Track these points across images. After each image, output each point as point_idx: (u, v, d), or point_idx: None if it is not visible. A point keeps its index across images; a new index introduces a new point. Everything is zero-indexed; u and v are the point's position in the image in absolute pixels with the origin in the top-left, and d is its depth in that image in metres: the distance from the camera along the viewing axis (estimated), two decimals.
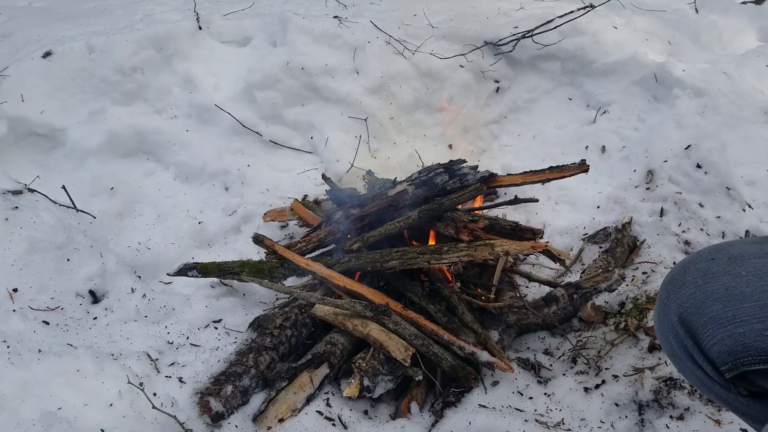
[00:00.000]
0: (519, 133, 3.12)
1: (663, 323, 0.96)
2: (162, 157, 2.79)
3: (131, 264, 2.15)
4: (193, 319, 1.93)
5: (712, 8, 3.83)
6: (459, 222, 1.84)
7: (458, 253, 1.75)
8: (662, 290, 0.97)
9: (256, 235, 1.97)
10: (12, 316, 1.67)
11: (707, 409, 1.50)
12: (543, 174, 1.95)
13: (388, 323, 1.65)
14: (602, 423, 1.54)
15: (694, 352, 0.89)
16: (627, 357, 1.72)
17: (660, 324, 0.97)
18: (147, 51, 3.01)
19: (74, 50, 3.02)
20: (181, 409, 1.52)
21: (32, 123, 2.76)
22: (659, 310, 0.97)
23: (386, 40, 3.18)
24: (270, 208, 2.54)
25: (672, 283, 0.95)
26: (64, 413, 1.40)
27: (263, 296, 2.08)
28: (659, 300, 0.98)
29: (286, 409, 1.53)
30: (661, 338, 0.99)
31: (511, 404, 1.61)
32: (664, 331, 0.96)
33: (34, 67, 2.95)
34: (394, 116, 3.06)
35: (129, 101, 2.93)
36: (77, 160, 2.69)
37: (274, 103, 2.97)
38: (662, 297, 0.97)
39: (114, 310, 1.92)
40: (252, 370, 1.63)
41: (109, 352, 1.68)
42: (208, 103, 2.94)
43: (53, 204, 2.15)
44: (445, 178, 1.91)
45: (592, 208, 2.59)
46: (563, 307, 1.95)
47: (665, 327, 0.95)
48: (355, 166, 2.81)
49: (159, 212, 2.50)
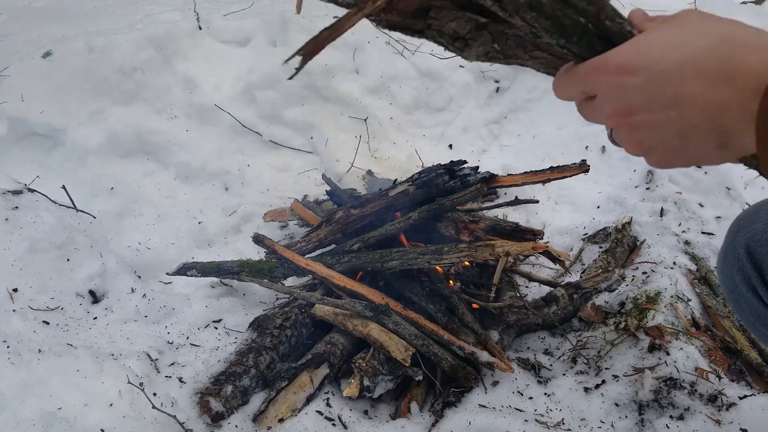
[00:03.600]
0: (519, 133, 3.12)
1: (728, 255, 1.01)
2: (162, 157, 2.79)
3: (131, 264, 2.15)
4: (193, 319, 1.93)
5: (711, 8, 3.82)
6: (459, 222, 1.84)
7: (459, 253, 1.75)
8: (733, 225, 1.02)
9: (256, 234, 1.97)
10: (12, 316, 1.67)
11: (707, 409, 1.50)
12: (543, 174, 1.95)
13: (388, 323, 1.65)
14: (602, 423, 1.54)
15: (758, 283, 0.95)
16: (627, 357, 1.72)
17: (725, 256, 1.03)
18: (147, 51, 3.01)
19: (74, 50, 3.02)
20: (181, 409, 1.52)
21: (32, 123, 2.76)
22: (727, 243, 1.03)
23: (386, 41, 3.18)
24: (270, 208, 2.54)
25: (744, 218, 1.01)
26: (64, 413, 1.40)
27: (263, 296, 2.08)
28: (728, 233, 1.03)
29: (286, 409, 1.53)
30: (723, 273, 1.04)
31: (511, 404, 1.61)
32: (728, 264, 1.01)
33: (34, 67, 2.95)
34: (394, 116, 3.06)
35: (129, 101, 2.93)
36: (77, 160, 2.69)
37: (274, 103, 2.97)
38: (732, 230, 1.02)
39: (114, 310, 1.92)
40: (252, 370, 1.63)
41: (109, 352, 1.68)
42: (208, 103, 2.94)
43: (53, 204, 2.15)
44: (445, 179, 1.91)
45: (592, 208, 2.59)
46: (563, 307, 1.95)
47: (730, 259, 1.00)
48: (355, 166, 2.81)
49: (159, 212, 2.50)
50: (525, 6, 0.56)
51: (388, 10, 0.61)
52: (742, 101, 0.51)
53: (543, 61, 0.64)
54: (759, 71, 0.50)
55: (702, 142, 0.55)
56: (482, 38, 0.62)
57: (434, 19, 0.61)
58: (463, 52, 0.64)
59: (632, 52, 0.56)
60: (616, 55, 0.57)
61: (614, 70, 0.56)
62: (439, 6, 0.61)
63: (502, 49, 0.63)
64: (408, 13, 0.61)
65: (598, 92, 0.59)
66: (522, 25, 0.58)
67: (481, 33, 0.62)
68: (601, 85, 0.58)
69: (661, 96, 0.54)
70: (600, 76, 0.57)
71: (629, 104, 0.56)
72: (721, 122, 0.52)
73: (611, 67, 0.56)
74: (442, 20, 0.61)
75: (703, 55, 0.52)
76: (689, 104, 0.53)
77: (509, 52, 0.63)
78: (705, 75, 0.52)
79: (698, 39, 0.53)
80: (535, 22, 0.57)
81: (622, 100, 0.56)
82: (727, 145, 0.54)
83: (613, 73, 0.56)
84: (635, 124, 0.57)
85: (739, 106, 0.51)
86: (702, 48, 0.53)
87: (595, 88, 0.59)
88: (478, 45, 0.62)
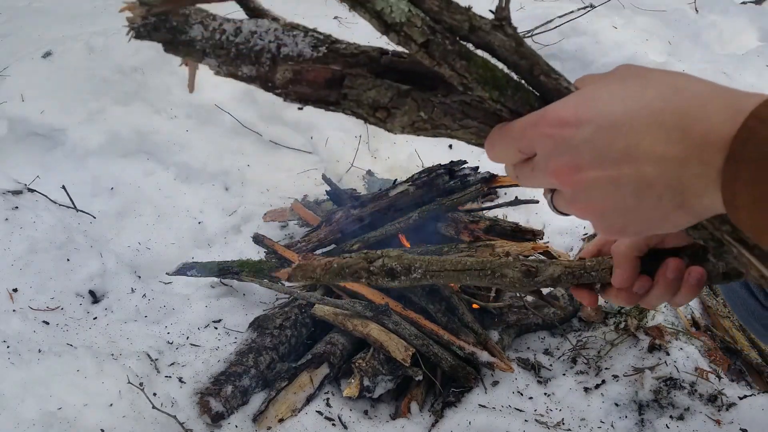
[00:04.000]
0: None
1: None
2: (162, 157, 2.78)
3: (131, 264, 2.15)
4: (193, 319, 1.93)
5: (712, 8, 3.83)
6: (460, 222, 1.84)
7: (459, 253, 1.75)
8: None
9: (256, 234, 1.97)
10: (12, 316, 1.67)
11: (707, 409, 1.50)
12: None
13: (388, 323, 1.65)
14: (602, 423, 1.54)
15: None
16: (627, 357, 1.72)
17: None
18: (147, 51, 3.01)
19: (74, 50, 3.02)
20: (181, 409, 1.52)
21: (32, 123, 2.76)
22: None
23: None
24: (270, 208, 2.54)
25: None
26: (64, 413, 1.40)
27: (263, 296, 2.08)
28: None
29: (286, 409, 1.53)
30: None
31: (511, 404, 1.61)
32: None
33: (34, 67, 2.95)
34: None
35: (129, 101, 2.93)
36: (77, 160, 2.69)
37: (274, 103, 2.97)
38: None
39: (114, 310, 1.92)
40: (252, 370, 1.63)
41: (109, 352, 1.68)
42: (208, 103, 2.94)
43: (53, 204, 2.15)
44: (445, 179, 1.91)
45: None
46: (563, 307, 1.95)
47: None
48: (355, 166, 2.81)
49: (159, 212, 2.49)
50: (454, 54, 0.52)
51: (297, 82, 0.56)
52: (702, 155, 0.46)
53: (473, 131, 0.59)
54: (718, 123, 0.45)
55: (658, 202, 0.49)
56: (406, 106, 0.57)
57: (350, 88, 0.56)
58: (386, 124, 0.58)
59: (574, 104, 0.51)
60: (556, 107, 0.51)
61: (556, 123, 0.50)
62: (354, 74, 0.56)
63: (429, 118, 0.57)
64: (320, 84, 0.56)
65: (537, 149, 0.53)
66: (451, 74, 0.53)
67: (405, 101, 0.56)
68: (543, 140, 0.51)
69: (611, 150, 0.48)
70: (541, 130, 0.51)
71: (576, 160, 0.50)
72: (680, 178, 0.47)
73: (553, 120, 0.51)
74: (358, 89, 0.56)
75: (654, 104, 0.48)
76: (643, 158, 0.47)
77: (437, 121, 0.58)
78: (658, 125, 0.47)
79: (646, 90, 0.49)
80: (465, 71, 0.52)
81: (568, 155, 0.50)
82: (685, 205, 0.49)
83: (554, 126, 0.50)
84: (583, 183, 0.50)
85: (699, 160, 0.46)
86: (652, 98, 0.48)
87: (533, 144, 0.53)
88: (402, 114, 0.57)
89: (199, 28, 0.55)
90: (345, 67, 0.56)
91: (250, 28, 0.55)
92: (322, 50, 0.55)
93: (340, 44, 0.56)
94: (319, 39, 0.56)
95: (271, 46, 0.55)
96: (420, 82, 0.57)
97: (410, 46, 0.52)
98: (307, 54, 0.55)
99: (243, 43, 0.55)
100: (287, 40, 0.55)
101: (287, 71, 0.55)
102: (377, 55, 0.57)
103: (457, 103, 0.57)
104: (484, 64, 0.53)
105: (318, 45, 0.56)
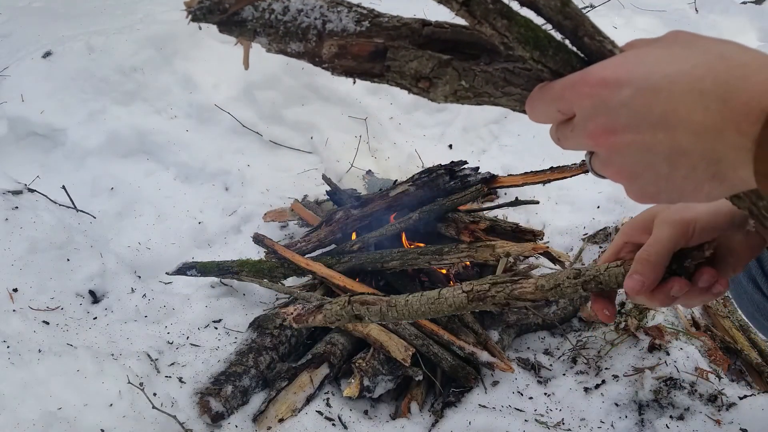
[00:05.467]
0: (519, 133, 3.12)
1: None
2: (162, 157, 2.78)
3: (131, 264, 2.15)
4: (193, 319, 1.93)
5: (712, 8, 3.84)
6: (460, 223, 1.84)
7: (459, 254, 1.75)
8: None
9: (256, 234, 1.97)
10: (12, 316, 1.67)
11: (707, 409, 1.50)
12: (544, 174, 1.95)
13: (388, 323, 1.65)
14: (602, 423, 1.54)
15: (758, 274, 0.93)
16: (627, 357, 1.72)
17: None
18: (147, 51, 3.01)
19: (74, 50, 3.02)
20: (181, 409, 1.52)
21: (32, 123, 2.76)
22: None
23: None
24: (270, 208, 2.54)
25: None
26: (64, 413, 1.40)
27: (263, 296, 2.08)
28: None
29: (286, 409, 1.53)
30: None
31: (511, 404, 1.61)
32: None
33: (34, 67, 2.95)
34: (394, 116, 3.06)
35: (129, 101, 2.93)
36: (77, 160, 2.69)
37: (274, 103, 2.97)
38: None
39: (114, 310, 1.92)
40: (252, 370, 1.63)
41: (109, 352, 1.68)
42: (208, 103, 2.94)
43: (53, 204, 2.15)
44: (446, 179, 1.91)
45: (592, 208, 2.59)
46: (563, 307, 1.95)
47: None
48: (355, 166, 2.81)
49: (159, 212, 2.49)
50: (496, 13, 0.51)
51: (342, 56, 0.58)
52: (740, 125, 0.44)
53: (517, 98, 0.59)
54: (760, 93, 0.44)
55: (692, 172, 0.48)
56: (447, 76, 0.58)
57: (393, 60, 0.58)
58: (428, 93, 0.59)
59: (616, 65, 0.50)
60: (598, 68, 0.51)
61: (596, 83, 0.50)
62: (397, 46, 0.57)
63: (471, 86, 0.58)
64: (364, 57, 0.58)
65: (577, 110, 0.52)
66: (492, 34, 0.53)
67: (446, 70, 0.58)
68: (581, 100, 0.51)
69: (648, 114, 0.47)
70: (580, 90, 0.51)
71: (612, 122, 0.49)
72: (715, 148, 0.46)
73: (593, 80, 0.50)
74: (401, 60, 0.58)
75: (696, 71, 0.46)
76: (679, 126, 0.46)
77: (479, 89, 0.58)
78: (698, 92, 0.46)
79: (691, 55, 0.48)
80: (506, 30, 0.52)
81: (605, 117, 0.50)
82: (719, 176, 0.48)
83: (595, 86, 0.50)
84: (618, 146, 0.50)
85: (736, 130, 0.45)
86: (695, 64, 0.47)
87: (573, 104, 0.52)
88: (443, 83, 0.58)
89: (250, 8, 0.57)
90: (388, 40, 0.58)
91: (297, 6, 0.57)
92: (366, 24, 0.58)
93: (383, 18, 0.58)
94: (363, 14, 0.58)
95: (317, 22, 0.57)
96: (462, 52, 0.58)
97: (451, 5, 0.52)
98: (351, 29, 0.57)
99: (291, 21, 0.57)
100: (332, 16, 0.57)
101: (333, 46, 0.58)
102: (419, 26, 0.59)
103: (499, 70, 0.58)
104: (525, 23, 0.53)
105: (361, 19, 0.58)
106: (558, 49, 0.54)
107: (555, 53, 0.54)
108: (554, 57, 0.54)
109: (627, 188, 0.54)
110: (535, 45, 0.53)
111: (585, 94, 0.50)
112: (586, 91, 0.50)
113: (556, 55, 0.54)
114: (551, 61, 0.54)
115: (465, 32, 0.58)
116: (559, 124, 0.56)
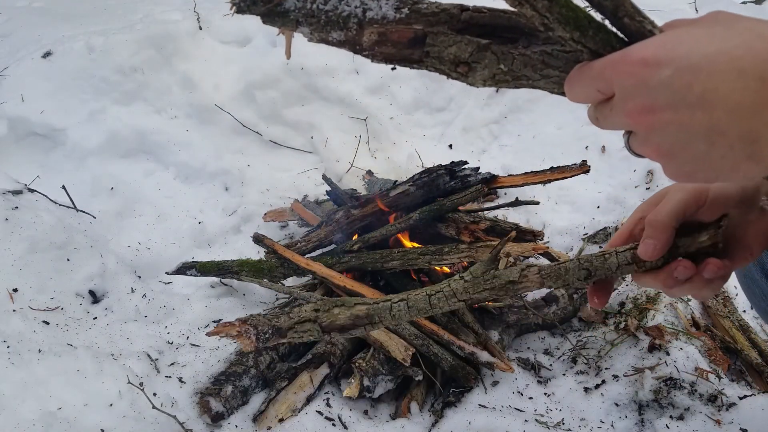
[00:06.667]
0: (519, 133, 3.12)
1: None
2: (162, 157, 2.79)
3: (131, 264, 2.15)
4: (193, 319, 1.93)
5: (712, 8, 3.83)
6: (460, 223, 1.84)
7: (459, 254, 1.75)
8: None
9: (256, 234, 1.97)
10: (12, 316, 1.67)
11: (707, 409, 1.50)
12: (544, 175, 1.95)
13: None
14: (602, 423, 1.54)
15: None
16: (627, 357, 1.72)
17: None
18: (147, 51, 3.01)
19: (74, 50, 3.02)
20: (181, 409, 1.52)
21: (32, 123, 2.76)
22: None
23: None
24: (270, 208, 2.54)
25: None
26: (64, 413, 1.40)
27: (263, 296, 2.08)
28: None
29: (286, 409, 1.53)
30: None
31: (511, 404, 1.61)
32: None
33: (34, 67, 2.95)
34: (394, 116, 3.06)
35: (129, 101, 2.93)
36: (77, 160, 2.69)
37: (274, 103, 2.97)
38: None
39: (114, 310, 1.92)
40: (252, 370, 1.63)
41: (109, 352, 1.68)
42: (208, 103, 2.94)
43: (53, 204, 2.15)
44: (446, 180, 1.91)
45: (592, 208, 2.59)
46: (563, 307, 1.95)
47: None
48: (355, 166, 2.81)
49: (159, 212, 2.50)
50: None
51: (382, 43, 0.59)
52: None
53: (555, 80, 0.59)
54: None
55: (729, 151, 0.48)
56: (486, 60, 0.58)
57: (432, 46, 0.59)
58: (467, 78, 0.60)
59: (656, 45, 0.50)
60: (638, 48, 0.51)
61: (635, 62, 0.50)
62: (435, 32, 0.58)
63: (510, 70, 0.59)
64: (403, 44, 0.59)
65: (616, 89, 0.53)
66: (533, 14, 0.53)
67: (485, 54, 0.58)
68: (621, 79, 0.51)
69: (687, 94, 0.48)
70: (620, 69, 0.51)
71: (651, 101, 0.49)
72: (753, 128, 0.46)
73: (634, 59, 0.50)
74: (440, 46, 0.58)
75: (736, 51, 0.46)
76: (718, 105, 0.47)
77: (518, 72, 0.59)
78: (737, 72, 0.46)
79: (731, 35, 0.48)
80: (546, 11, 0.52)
81: (644, 96, 0.50)
82: (756, 156, 0.48)
83: (634, 65, 0.50)
84: (656, 125, 0.50)
85: None
86: (735, 45, 0.47)
87: (613, 84, 0.52)
88: (482, 68, 0.59)
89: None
90: (426, 26, 0.59)
91: None
92: (405, 11, 0.58)
93: (422, 4, 0.59)
94: (402, 1, 0.59)
95: (357, 11, 0.58)
96: (500, 36, 0.59)
97: None
98: (391, 16, 0.58)
99: (332, 10, 0.58)
100: (372, 4, 0.58)
101: (373, 33, 0.59)
102: (457, 12, 0.59)
103: (538, 53, 0.58)
104: (566, 3, 0.53)
105: (401, 6, 0.58)
106: (598, 30, 0.54)
107: (595, 33, 0.54)
108: (594, 37, 0.54)
109: (665, 167, 0.54)
110: (576, 25, 0.53)
111: (625, 73, 0.51)
112: (627, 70, 0.50)
113: (596, 36, 0.54)
114: (591, 42, 0.54)
115: (503, 16, 0.59)
116: (598, 103, 0.56)
